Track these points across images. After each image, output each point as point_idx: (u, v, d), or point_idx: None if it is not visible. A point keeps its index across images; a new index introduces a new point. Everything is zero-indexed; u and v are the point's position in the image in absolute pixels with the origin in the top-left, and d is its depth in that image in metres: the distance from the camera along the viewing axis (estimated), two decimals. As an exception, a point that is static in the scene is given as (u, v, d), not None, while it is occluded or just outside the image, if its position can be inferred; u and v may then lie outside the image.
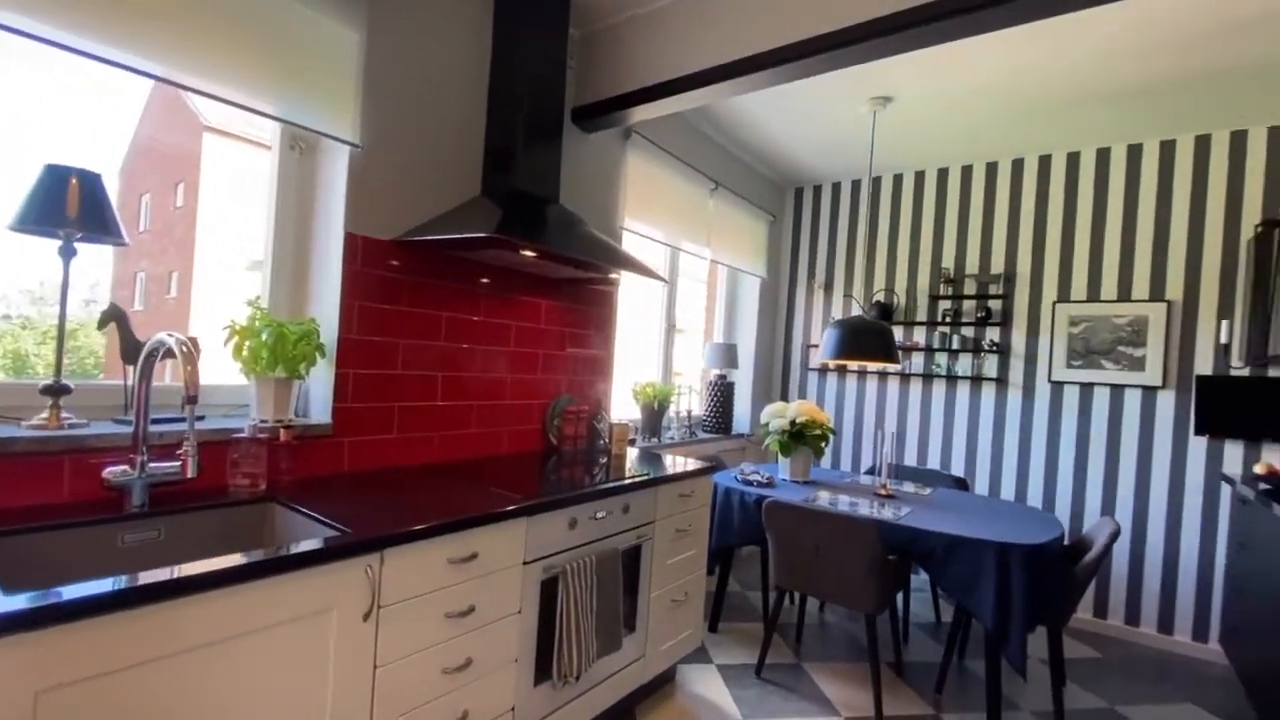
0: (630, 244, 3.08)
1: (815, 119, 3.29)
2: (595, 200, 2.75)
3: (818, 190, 4.31)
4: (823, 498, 2.69)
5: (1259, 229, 2.78)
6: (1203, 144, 3.07)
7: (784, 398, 4.37)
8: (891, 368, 3.84)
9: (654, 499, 2.13)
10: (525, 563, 1.63)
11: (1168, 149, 3.15)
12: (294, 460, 1.71)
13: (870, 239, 4.06)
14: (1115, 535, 2.28)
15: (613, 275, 2.40)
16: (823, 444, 3.02)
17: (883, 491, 2.84)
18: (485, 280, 2.25)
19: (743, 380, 4.17)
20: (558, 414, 2.58)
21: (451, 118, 2.12)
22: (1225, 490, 2.96)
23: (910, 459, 3.82)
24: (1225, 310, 3.00)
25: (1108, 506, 3.23)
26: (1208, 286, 3.04)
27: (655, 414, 3.28)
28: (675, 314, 3.70)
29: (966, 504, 2.76)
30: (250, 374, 1.76)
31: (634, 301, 3.47)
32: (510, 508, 1.57)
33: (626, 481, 1.99)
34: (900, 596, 3.06)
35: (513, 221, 1.85)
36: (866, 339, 2.87)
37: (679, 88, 2.34)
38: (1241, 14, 2.15)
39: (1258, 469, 2.68)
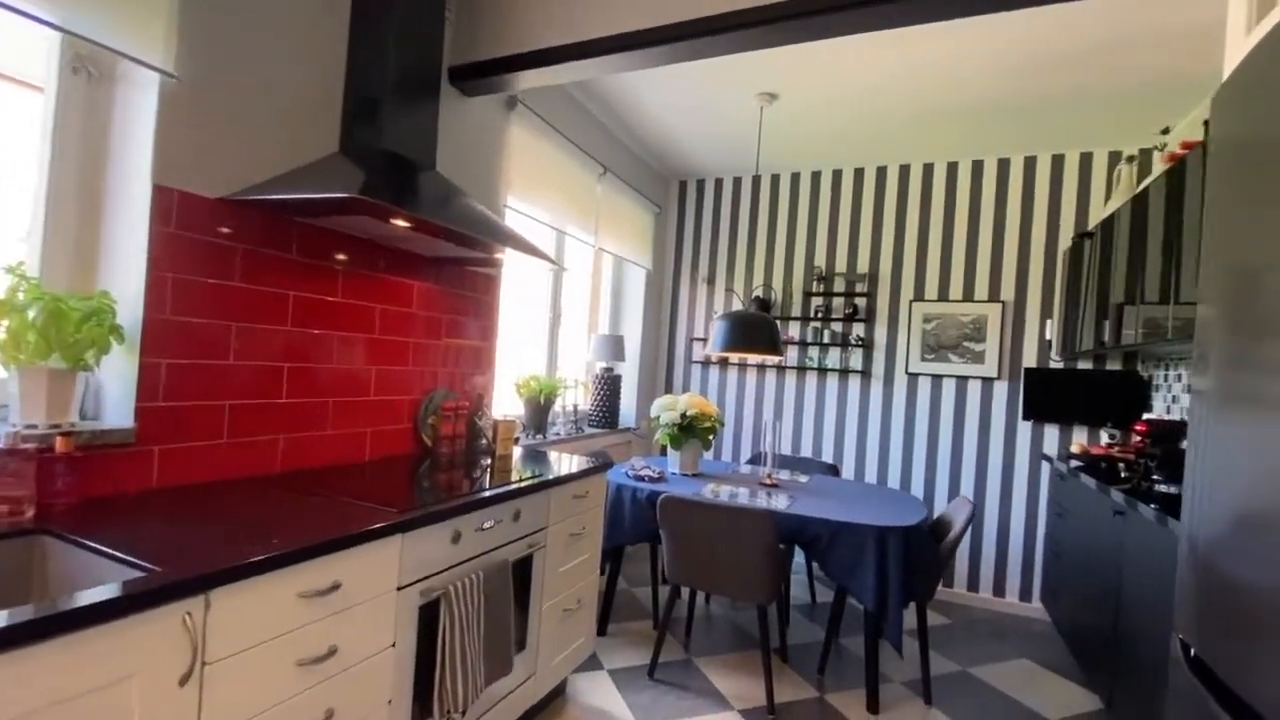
0: (514, 224, 2.85)
1: (705, 111, 3.27)
2: (476, 173, 2.49)
3: (701, 184, 4.34)
4: (714, 490, 2.67)
5: (1075, 240, 3.21)
6: (1030, 164, 3.49)
7: (668, 390, 4.36)
8: (775, 360, 3.96)
9: (547, 503, 1.96)
10: (400, 587, 1.38)
11: (1004, 166, 3.54)
12: (78, 477, 1.31)
13: (750, 235, 4.16)
14: (972, 515, 2.49)
15: (497, 255, 2.17)
16: (711, 436, 3.01)
17: (768, 481, 2.89)
18: (343, 256, 1.92)
19: (629, 373, 4.09)
20: (432, 411, 2.30)
21: (302, 54, 1.76)
22: (1045, 467, 3.40)
23: (786, 447, 3.98)
24: (1047, 310, 3.43)
25: (954, 485, 3.59)
26: (1033, 289, 3.47)
27: (541, 409, 3.08)
28: (561, 303, 3.52)
29: (841, 489, 2.89)
30: (10, 364, 1.32)
31: (515, 289, 3.23)
32: (381, 524, 1.32)
33: (517, 485, 1.80)
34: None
35: (380, 184, 1.58)
36: (753, 331, 2.91)
37: (565, 56, 2.16)
38: (1056, 52, 2.42)
39: (1073, 448, 3.09)
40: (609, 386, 3.74)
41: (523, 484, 1.82)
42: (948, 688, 2.56)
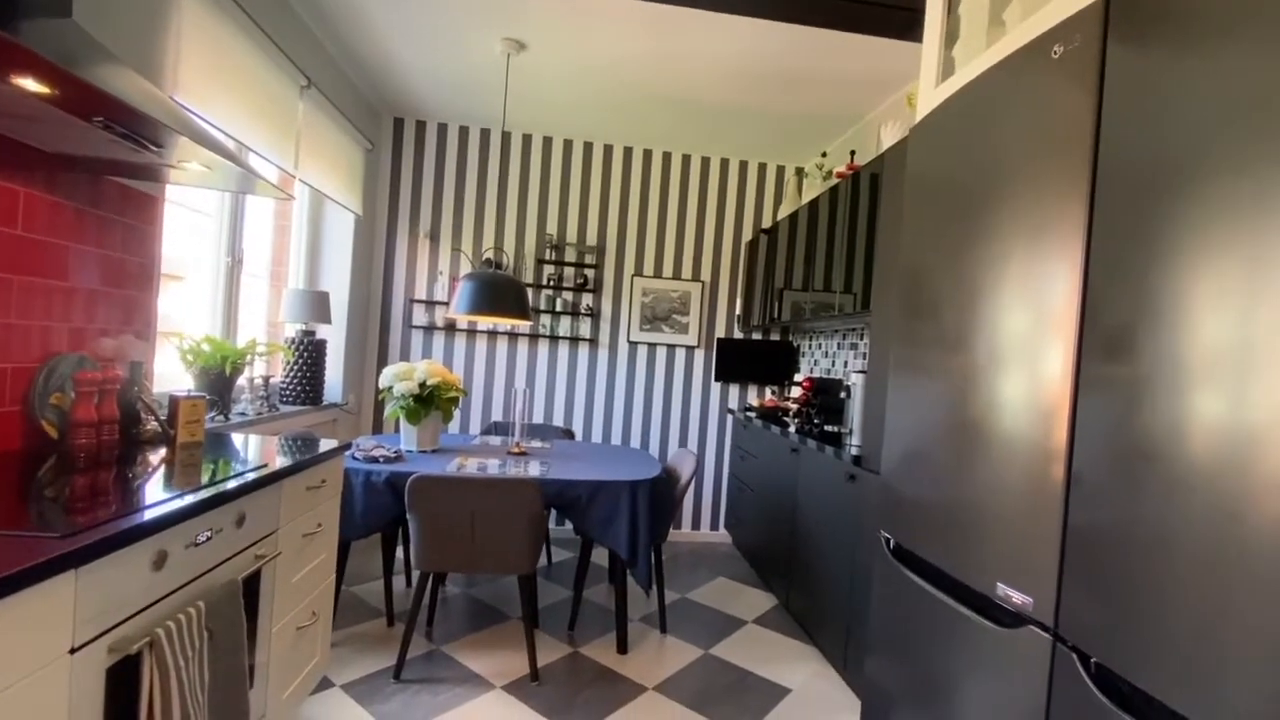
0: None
1: (439, 42, 2.90)
2: (127, 49, 1.72)
3: (422, 126, 3.88)
4: (466, 465, 2.47)
5: (755, 235, 3.92)
6: (727, 165, 4.11)
7: (383, 359, 3.84)
8: (509, 324, 3.83)
9: (278, 499, 1.51)
10: (76, 648, 0.89)
11: (709, 163, 4.09)
12: None
13: (480, 193, 3.92)
14: (698, 465, 2.86)
15: (173, 164, 1.54)
16: (454, 407, 2.77)
17: (516, 450, 2.81)
18: None
19: (335, 338, 3.45)
20: (56, 386, 1.54)
21: None
22: (729, 419, 4.12)
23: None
24: (734, 291, 4.13)
25: (664, 438, 4.07)
26: (725, 272, 4.12)
27: (222, 382, 2.37)
28: (241, 244, 2.74)
29: (584, 452, 3.00)
30: None
31: (171, 219, 2.39)
32: (35, 561, 0.82)
33: (249, 478, 1.34)
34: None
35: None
36: (503, 295, 2.76)
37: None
38: (761, 71, 2.91)
39: (752, 401, 3.81)
40: (310, 353, 3.09)
41: (254, 477, 1.36)
42: (674, 614, 2.93)
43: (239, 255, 2.71)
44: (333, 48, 3.02)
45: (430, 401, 2.68)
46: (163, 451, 1.61)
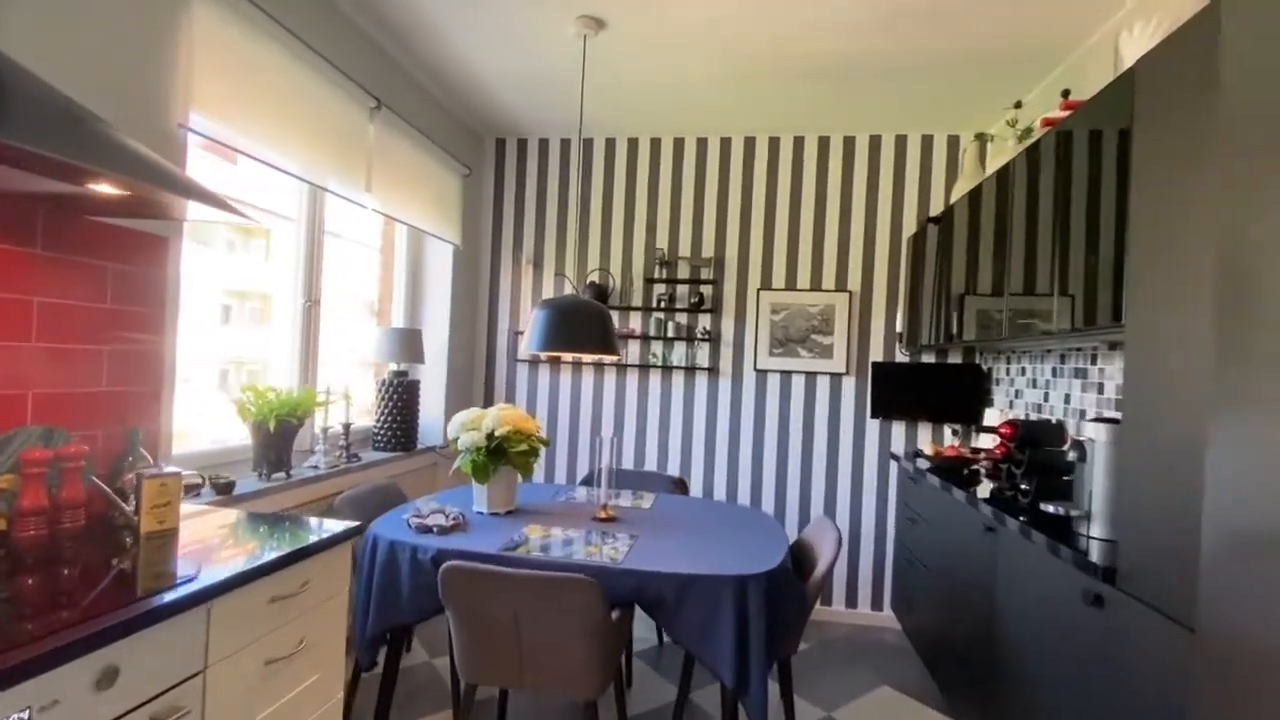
0: (213, 162, 1.89)
1: (512, 38, 2.53)
2: (106, 64, 1.52)
3: (523, 145, 3.59)
4: (530, 538, 1.98)
5: (920, 227, 3.01)
6: (878, 143, 3.25)
7: (488, 397, 3.57)
8: (609, 359, 3.36)
9: (204, 626, 1.12)
10: None
11: (849, 144, 3.28)
12: None
13: (583, 210, 3.52)
14: (840, 542, 2.08)
15: (165, 200, 1.26)
16: (532, 459, 2.31)
17: (603, 515, 2.27)
18: None
19: (432, 377, 3.23)
20: (8, 465, 1.32)
21: None
22: (894, 468, 3.20)
23: (629, 458, 3.42)
24: (893, 301, 3.23)
25: (805, 492, 3.27)
26: (879, 279, 3.25)
27: (278, 437, 2.16)
28: (319, 283, 2.58)
29: (690, 517, 2.36)
30: None
31: (266, 261, 2.27)
32: None
33: (126, 614, 0.95)
34: (622, 631, 2.57)
35: None
36: (580, 325, 2.25)
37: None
38: (903, 5, 2.09)
39: (926, 449, 2.88)
40: (401, 395, 2.88)
41: (134, 613, 0.97)
42: (813, 747, 2.15)
43: (316, 296, 2.55)
44: (414, 69, 2.81)
45: (501, 454, 2.25)
46: (130, 546, 1.31)
